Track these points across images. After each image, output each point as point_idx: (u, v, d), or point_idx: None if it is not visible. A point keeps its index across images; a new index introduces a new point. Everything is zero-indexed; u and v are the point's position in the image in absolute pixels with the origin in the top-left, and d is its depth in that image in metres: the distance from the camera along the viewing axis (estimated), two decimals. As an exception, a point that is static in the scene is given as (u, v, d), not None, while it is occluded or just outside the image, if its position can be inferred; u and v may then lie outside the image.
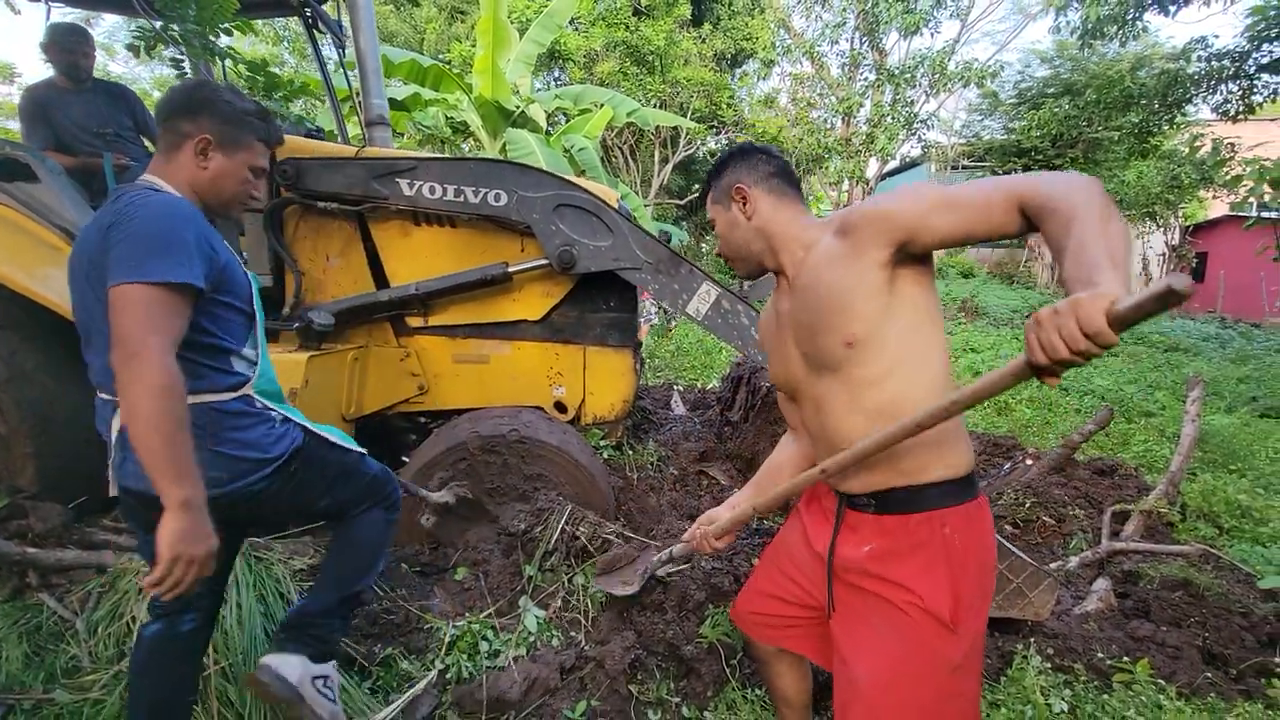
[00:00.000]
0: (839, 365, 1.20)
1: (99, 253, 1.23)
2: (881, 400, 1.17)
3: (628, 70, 13.14)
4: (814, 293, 1.22)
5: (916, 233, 1.10)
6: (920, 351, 1.17)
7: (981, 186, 1.06)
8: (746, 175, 1.38)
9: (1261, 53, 8.01)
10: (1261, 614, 2.34)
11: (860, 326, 1.15)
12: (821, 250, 1.23)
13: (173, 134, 1.35)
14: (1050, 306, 0.82)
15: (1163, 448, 4.59)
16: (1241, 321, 12.37)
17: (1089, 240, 0.87)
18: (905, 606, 1.16)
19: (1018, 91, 18.07)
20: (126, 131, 3.30)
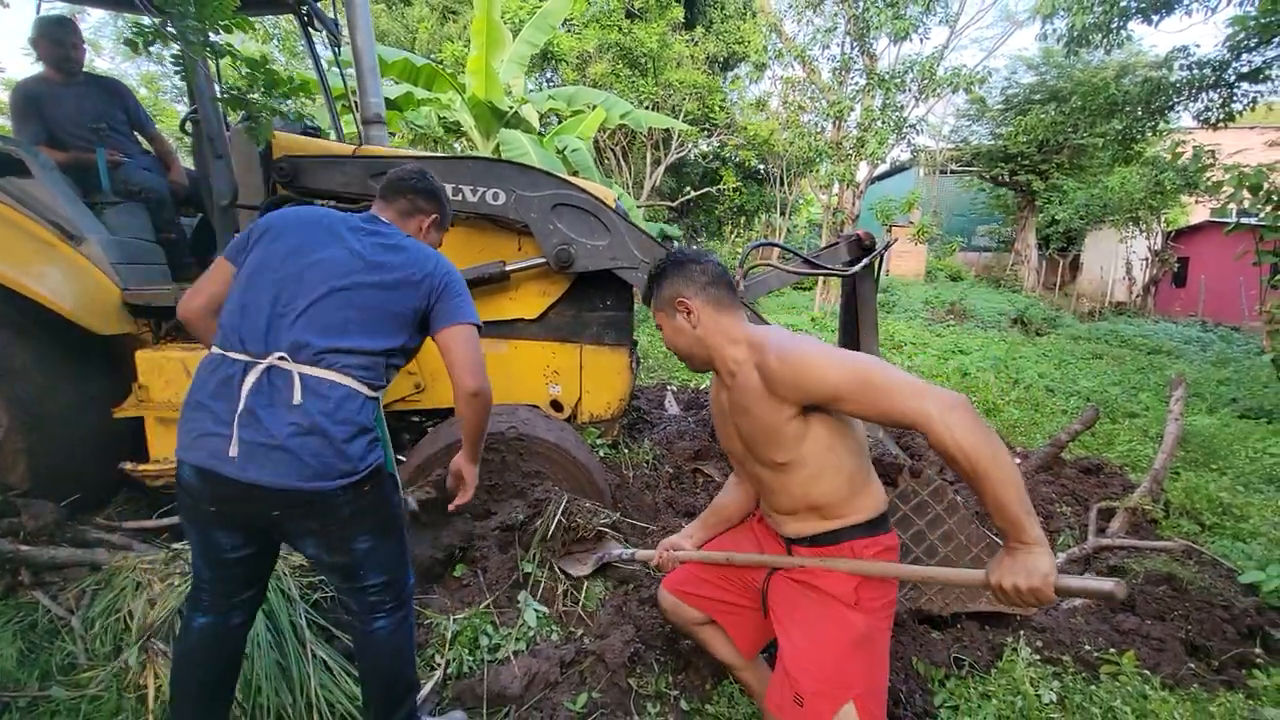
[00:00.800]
0: (772, 468, 1.48)
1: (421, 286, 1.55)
2: (807, 491, 1.46)
3: (620, 72, 13.16)
4: (747, 416, 1.46)
5: (823, 404, 1.36)
6: (835, 460, 1.44)
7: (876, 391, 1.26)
8: (685, 287, 1.53)
9: (1241, 62, 8.19)
10: (1242, 607, 2.40)
11: (784, 455, 1.44)
12: (746, 379, 1.45)
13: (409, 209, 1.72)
14: (1012, 582, 1.17)
15: (1146, 447, 4.68)
16: (1222, 325, 12.59)
17: (1000, 494, 1.16)
18: (818, 593, 1.48)
19: (1005, 97, 18.29)
20: (120, 126, 3.28)
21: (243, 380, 1.35)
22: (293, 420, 1.34)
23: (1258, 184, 5.46)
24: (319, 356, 1.39)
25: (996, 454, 1.17)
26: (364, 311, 1.46)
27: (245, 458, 1.32)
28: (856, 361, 1.33)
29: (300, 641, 1.86)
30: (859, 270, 3.06)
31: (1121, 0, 7.85)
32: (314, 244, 1.50)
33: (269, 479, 1.32)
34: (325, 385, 1.38)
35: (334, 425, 1.37)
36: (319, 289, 1.44)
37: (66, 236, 2.67)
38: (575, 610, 2.15)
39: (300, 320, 1.41)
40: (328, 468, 1.35)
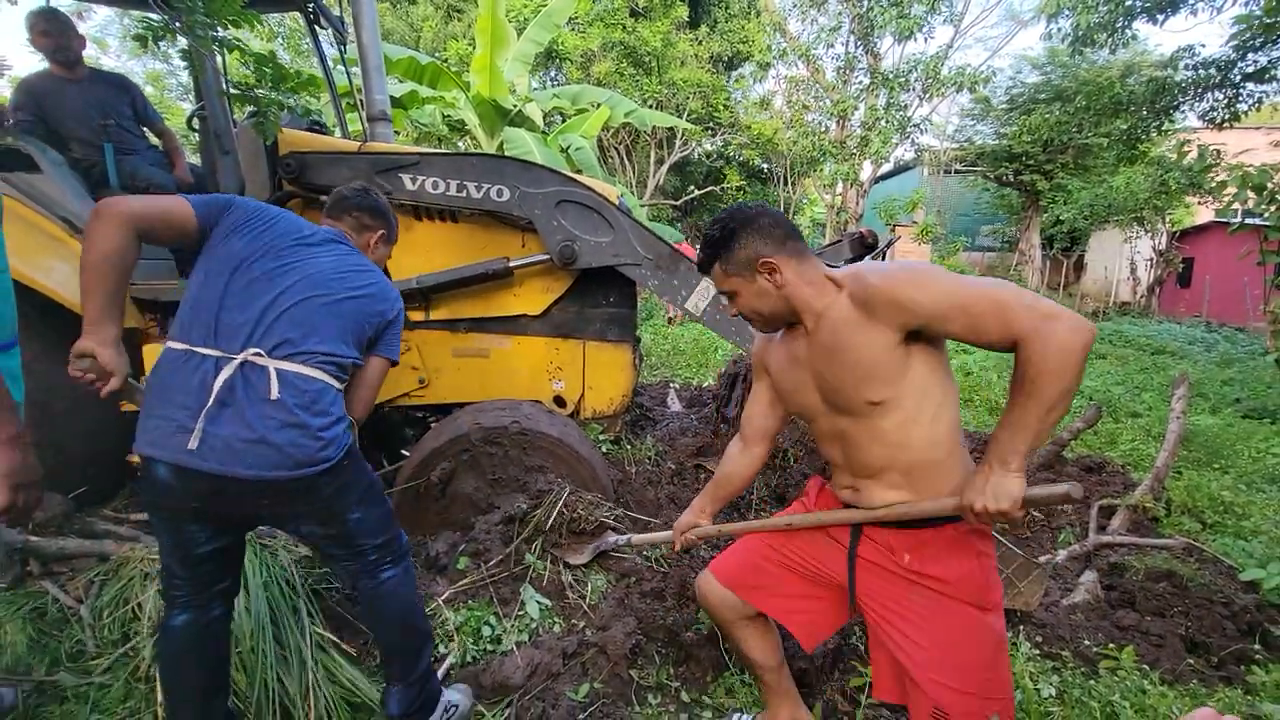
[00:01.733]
0: (861, 414, 1.34)
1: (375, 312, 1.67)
2: (900, 438, 1.32)
3: (624, 71, 13.18)
4: (836, 355, 1.33)
5: (928, 327, 1.24)
6: (935, 402, 1.32)
7: (995, 303, 1.16)
8: (766, 246, 1.37)
9: (1246, 62, 8.17)
10: (1242, 604, 2.41)
11: (882, 392, 1.30)
12: (839, 314, 1.32)
13: (358, 225, 1.82)
14: (982, 504, 1.18)
15: (1149, 447, 4.67)
16: (1226, 326, 12.56)
17: (1029, 422, 1.15)
18: (948, 599, 1.34)
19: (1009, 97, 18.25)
20: (127, 121, 3.30)
21: (215, 376, 1.36)
22: (272, 414, 1.37)
23: (1262, 184, 5.44)
24: (298, 353, 1.45)
25: (1065, 397, 1.12)
26: (341, 320, 1.57)
27: (225, 451, 1.33)
28: (969, 278, 1.23)
29: (301, 631, 1.87)
30: (861, 268, 3.07)
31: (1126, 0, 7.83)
32: (289, 247, 1.56)
33: (253, 472, 1.35)
34: (302, 379, 1.44)
35: (312, 416, 1.43)
36: (304, 292, 1.51)
37: (75, 231, 2.70)
38: (577, 602, 2.16)
39: (283, 319, 1.46)
40: (309, 456, 1.41)
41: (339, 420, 1.50)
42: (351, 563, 1.62)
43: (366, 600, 1.66)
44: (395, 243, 1.97)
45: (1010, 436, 1.16)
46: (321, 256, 1.60)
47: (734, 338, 2.84)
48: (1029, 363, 1.12)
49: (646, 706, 1.88)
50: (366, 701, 1.83)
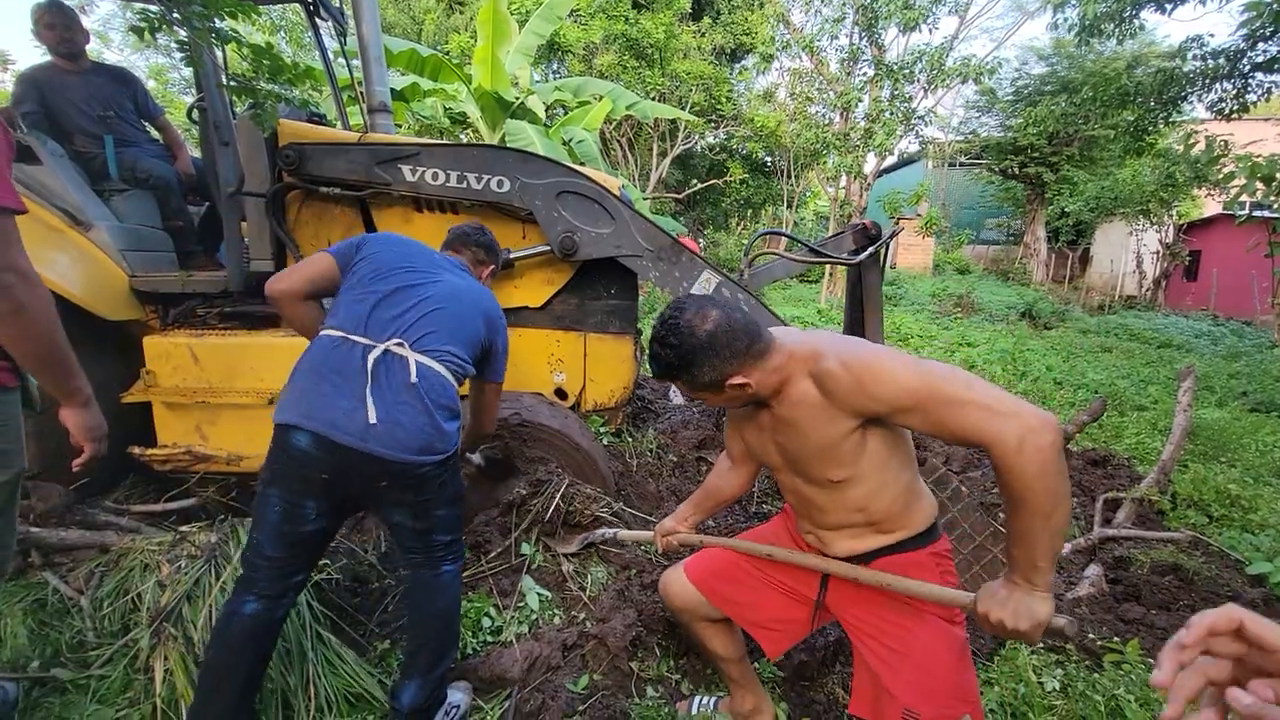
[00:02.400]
0: (823, 486, 1.38)
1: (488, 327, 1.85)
2: (861, 505, 1.37)
3: (627, 63, 13.10)
4: (796, 432, 1.34)
5: (889, 418, 1.23)
6: (892, 473, 1.35)
7: (952, 403, 1.13)
8: (730, 365, 1.29)
9: (1257, 51, 8.07)
10: (1249, 598, 2.39)
11: (840, 472, 1.33)
12: (799, 393, 1.31)
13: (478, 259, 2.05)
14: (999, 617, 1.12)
15: (1154, 440, 4.65)
16: (1233, 319, 12.47)
17: (1036, 536, 1.09)
18: (919, 613, 1.39)
19: (1015, 89, 18.11)
20: (128, 114, 3.29)
21: (365, 359, 1.53)
22: (407, 400, 1.53)
23: (1271, 175, 5.39)
24: (432, 349, 1.62)
25: (1060, 499, 1.07)
26: (466, 331, 1.75)
27: (364, 429, 1.48)
28: (932, 367, 1.19)
29: (302, 623, 1.87)
30: (864, 259, 3.05)
31: (1135, -12, 7.73)
32: (426, 266, 1.79)
33: (386, 451, 1.49)
34: (432, 372, 1.60)
35: (436, 407, 1.58)
36: (441, 302, 1.71)
37: (75, 223, 2.69)
38: (577, 594, 2.16)
39: (423, 320, 1.65)
40: (430, 444, 1.56)
41: (455, 416, 1.66)
42: (419, 555, 1.72)
43: (421, 588, 1.71)
44: (497, 270, 2.17)
45: (1025, 553, 1.10)
46: (454, 277, 1.83)
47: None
48: (1006, 472, 1.09)
49: (646, 698, 1.87)
50: (365, 693, 1.82)
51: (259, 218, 2.79)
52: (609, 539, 2.30)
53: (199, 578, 1.91)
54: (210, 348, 2.65)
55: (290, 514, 1.52)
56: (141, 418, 2.65)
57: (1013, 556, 1.13)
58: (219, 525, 2.17)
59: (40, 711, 1.77)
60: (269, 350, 2.66)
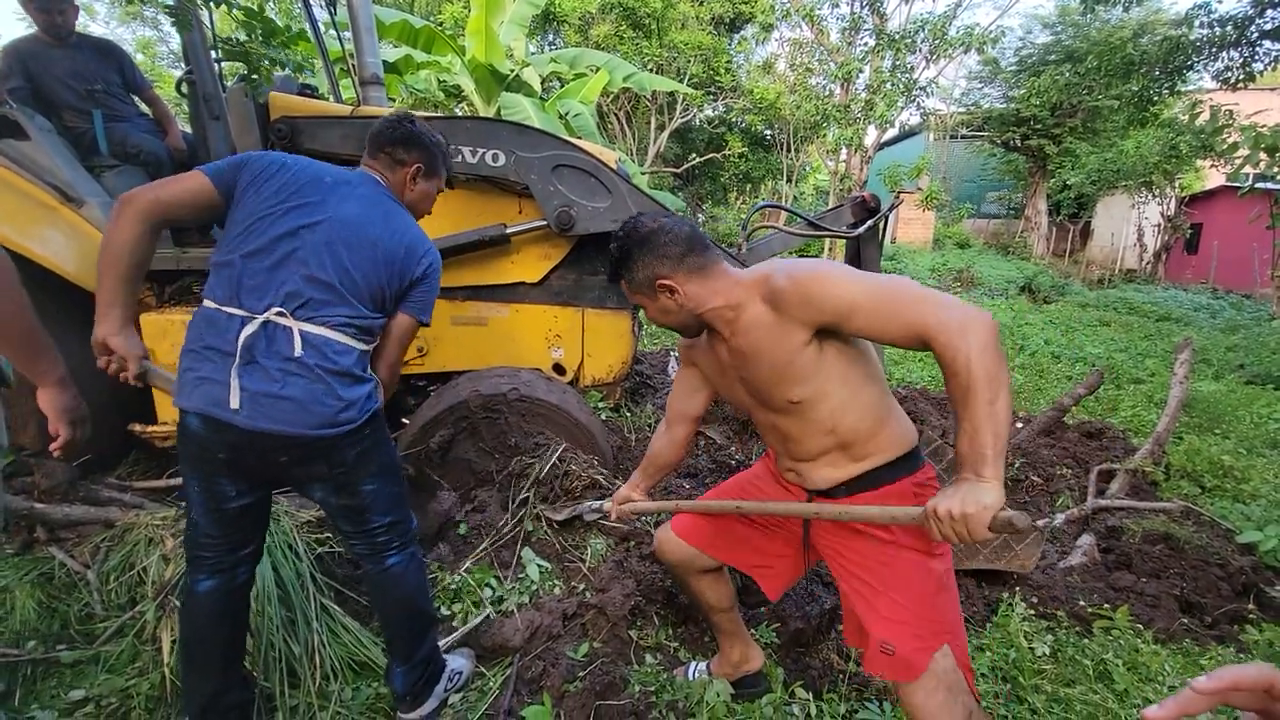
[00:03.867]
0: (787, 411, 1.39)
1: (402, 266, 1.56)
2: (830, 425, 1.37)
3: (624, 34, 12.87)
4: (753, 359, 1.36)
5: (836, 325, 1.24)
6: (855, 386, 1.35)
7: (894, 298, 1.17)
8: (663, 266, 1.38)
9: (1265, 19, 7.93)
10: (1238, 565, 2.43)
11: (800, 391, 1.34)
12: (751, 317, 1.34)
13: (389, 159, 1.66)
14: (947, 507, 1.08)
15: (1150, 413, 4.67)
16: (1233, 292, 12.45)
17: (980, 423, 1.07)
18: (893, 546, 1.39)
19: (1018, 58, 17.83)
20: (115, 88, 3.24)
21: (239, 333, 1.37)
22: (295, 372, 1.39)
23: (1275, 145, 5.34)
24: (319, 315, 1.43)
25: (1000, 385, 1.07)
26: (363, 274, 1.49)
27: (251, 406, 1.36)
28: (871, 275, 1.26)
29: (306, 594, 1.90)
30: (863, 232, 3.03)
31: (1142, -47, 7.55)
32: (314, 195, 1.49)
33: (276, 427, 1.37)
34: (322, 340, 1.42)
35: (332, 375, 1.42)
36: (323, 246, 1.45)
37: (67, 199, 2.66)
38: (577, 565, 2.19)
39: (302, 276, 1.42)
40: (329, 417, 1.41)
41: (362, 383, 1.49)
42: (359, 542, 1.63)
43: (370, 582, 1.68)
44: (443, 176, 1.80)
45: (971, 445, 1.09)
46: (345, 203, 1.51)
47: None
48: (950, 357, 1.10)
49: (645, 665, 1.91)
50: (370, 661, 1.86)
51: (252, 193, 2.76)
52: (595, 510, 2.29)
53: (203, 551, 1.94)
54: (207, 325, 2.65)
55: (210, 493, 1.47)
56: (141, 395, 2.65)
57: (960, 453, 1.11)
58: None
59: (51, 680, 1.81)
60: (266, 327, 2.66)
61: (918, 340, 1.15)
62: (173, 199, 1.45)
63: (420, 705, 1.70)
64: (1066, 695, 1.81)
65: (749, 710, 1.75)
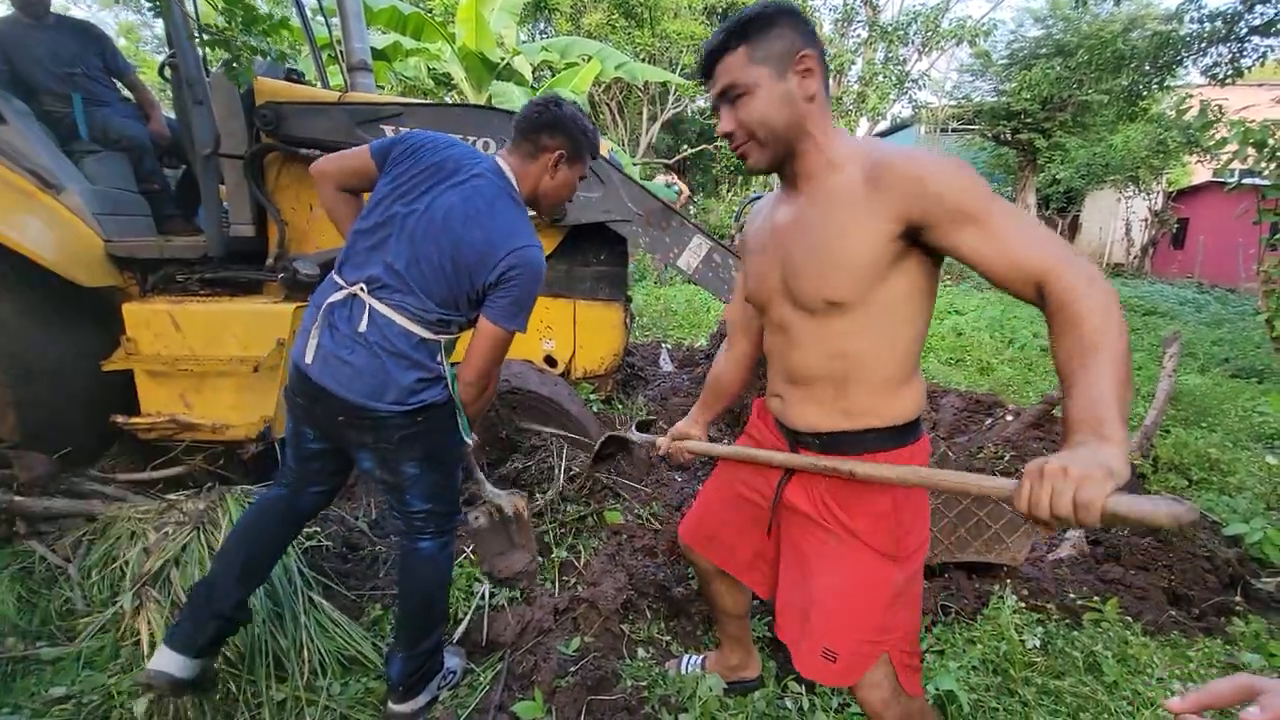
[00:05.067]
0: (813, 309, 1.17)
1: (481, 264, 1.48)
2: (844, 349, 1.16)
3: (616, 22, 12.77)
4: (818, 229, 1.13)
5: (938, 228, 1.02)
6: (897, 323, 1.14)
7: (1022, 233, 0.98)
8: (811, 43, 1.11)
9: (1254, 14, 7.98)
10: (1225, 558, 2.45)
11: (847, 290, 1.11)
12: (843, 182, 1.10)
13: (531, 143, 1.59)
14: (1059, 464, 0.79)
15: (1139, 406, 4.70)
16: (1218, 287, 12.59)
17: (1106, 385, 0.85)
18: (854, 544, 1.24)
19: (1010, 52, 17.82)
20: (96, 72, 3.16)
21: (329, 297, 1.52)
22: (360, 345, 1.48)
23: (1263, 140, 5.36)
24: (391, 299, 1.49)
25: (1127, 345, 0.89)
26: (440, 271, 1.49)
27: (321, 364, 1.48)
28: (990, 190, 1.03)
29: (294, 589, 1.88)
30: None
31: (1134, -52, 7.57)
32: (424, 187, 1.52)
33: (334, 387, 1.47)
34: (384, 319, 1.48)
35: (389, 355, 1.48)
36: (414, 236, 1.49)
37: (45, 185, 2.60)
38: (569, 559, 2.17)
39: (388, 261, 1.49)
40: (382, 390, 1.48)
41: (420, 369, 1.50)
42: (400, 519, 1.68)
43: (402, 561, 1.70)
44: (587, 162, 1.69)
45: (1090, 404, 0.84)
46: (448, 193, 1.50)
47: (726, 295, 2.80)
48: (1075, 308, 0.91)
49: (637, 660, 1.90)
50: (360, 656, 1.84)
51: (237, 180, 2.71)
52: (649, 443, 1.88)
53: (187, 544, 1.91)
54: (192, 314, 2.60)
55: (296, 432, 1.63)
56: (124, 386, 2.60)
57: (1073, 418, 0.85)
58: (206, 493, 2.15)
59: (31, 678, 1.77)
60: (253, 317, 2.61)
61: (1033, 277, 0.96)
62: (349, 168, 1.63)
63: (411, 699, 1.68)
64: (1057, 687, 1.82)
65: (741, 704, 1.75)
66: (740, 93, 1.12)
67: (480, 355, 1.54)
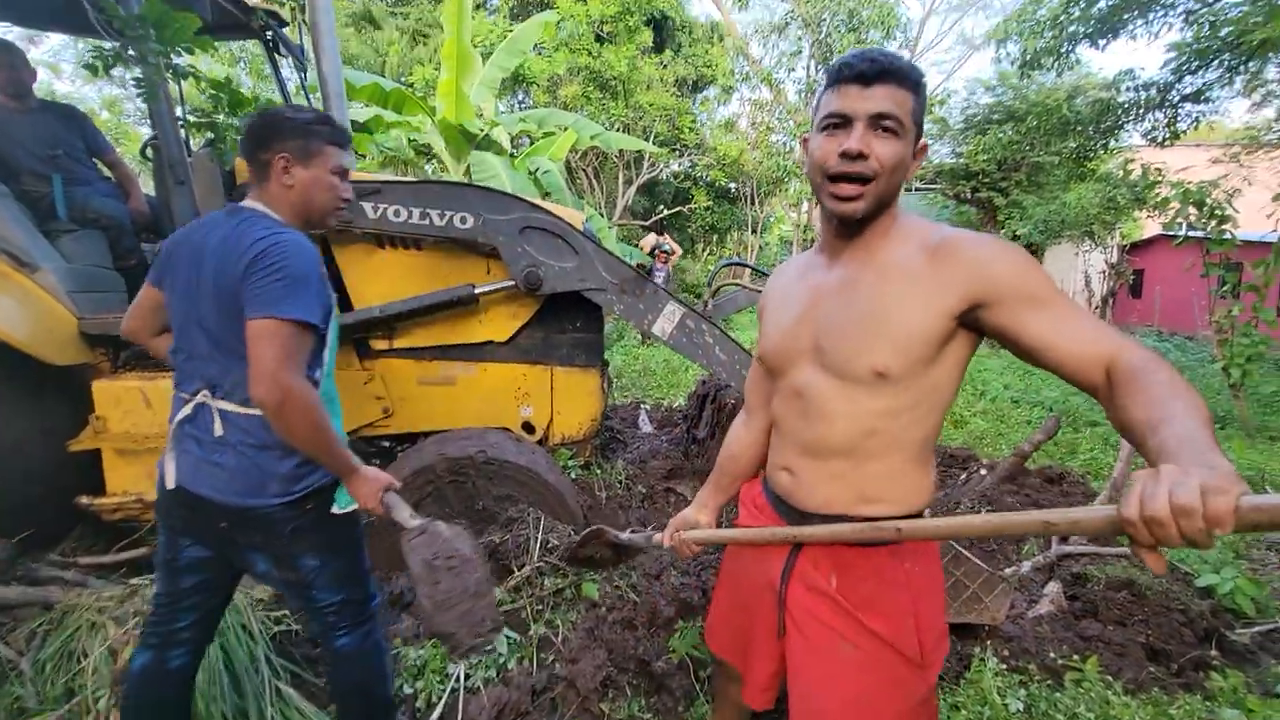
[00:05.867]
0: (850, 377, 1.09)
1: (233, 277, 1.35)
2: (876, 426, 1.09)
3: (591, 95, 13.31)
4: (872, 296, 1.08)
5: (998, 311, 1.00)
6: (933, 406, 1.10)
7: (1086, 319, 0.97)
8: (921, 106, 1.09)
9: (1183, 84, 8.60)
10: (1198, 610, 2.47)
11: (896, 363, 1.05)
12: (905, 254, 1.08)
13: (256, 164, 1.48)
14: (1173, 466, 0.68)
15: (1107, 455, 4.81)
16: (1177, 334, 13.05)
17: (1196, 423, 0.77)
18: (875, 647, 1.13)
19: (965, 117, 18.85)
20: (77, 153, 3.22)
21: (179, 413, 1.46)
22: (222, 447, 1.41)
23: (1201, 200, 5.72)
24: (226, 394, 1.41)
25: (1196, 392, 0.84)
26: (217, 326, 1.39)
27: (193, 471, 1.41)
28: None
29: (260, 679, 1.81)
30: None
31: (1069, 25, 8.20)
32: (171, 272, 1.47)
33: (211, 493, 1.40)
34: (239, 417, 1.41)
35: (260, 449, 1.41)
36: (201, 314, 1.40)
37: (19, 265, 2.61)
38: (547, 636, 2.13)
39: (202, 356, 1.43)
40: (260, 486, 1.41)
41: (296, 452, 1.40)
42: (313, 621, 1.57)
43: (326, 663, 1.62)
44: (327, 151, 1.51)
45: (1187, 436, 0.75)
46: (209, 258, 1.39)
47: (700, 359, 2.86)
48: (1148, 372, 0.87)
49: (618, 740, 1.85)
50: (327, 749, 1.77)
51: (216, 257, 2.74)
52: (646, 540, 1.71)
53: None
54: (163, 390, 2.57)
55: (169, 544, 1.50)
56: (90, 465, 2.55)
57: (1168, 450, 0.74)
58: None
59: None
60: (226, 392, 2.59)
61: (1102, 358, 0.92)
62: (143, 308, 1.60)
63: None
64: (1042, 753, 1.80)
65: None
66: (892, 128, 1.04)
67: (260, 362, 1.28)
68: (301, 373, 1.34)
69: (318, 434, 1.34)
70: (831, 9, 13.06)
